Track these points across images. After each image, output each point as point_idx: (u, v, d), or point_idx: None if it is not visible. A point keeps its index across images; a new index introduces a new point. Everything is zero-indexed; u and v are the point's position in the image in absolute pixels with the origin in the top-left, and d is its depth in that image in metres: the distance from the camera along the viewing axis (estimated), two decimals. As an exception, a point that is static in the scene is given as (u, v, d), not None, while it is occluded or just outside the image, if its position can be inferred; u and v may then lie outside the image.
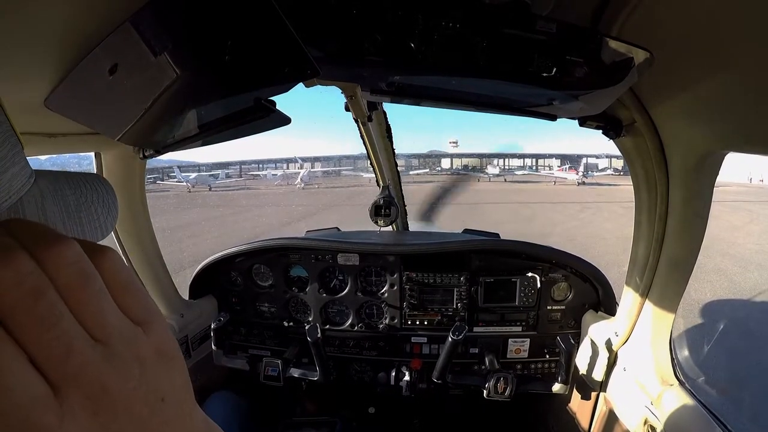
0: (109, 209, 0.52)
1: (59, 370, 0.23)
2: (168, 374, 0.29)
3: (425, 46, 0.78)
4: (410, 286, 2.00)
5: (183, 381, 0.31)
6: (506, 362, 2.00)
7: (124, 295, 0.28)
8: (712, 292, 7.41)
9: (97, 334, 0.25)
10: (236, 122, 0.98)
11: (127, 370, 0.26)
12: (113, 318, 0.26)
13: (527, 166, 50.45)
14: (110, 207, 0.52)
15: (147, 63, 0.79)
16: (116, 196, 0.55)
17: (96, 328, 0.25)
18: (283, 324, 2.12)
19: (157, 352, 0.29)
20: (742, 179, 32.40)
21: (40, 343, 0.23)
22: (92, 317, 0.25)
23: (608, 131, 1.26)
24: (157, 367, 0.28)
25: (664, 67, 0.86)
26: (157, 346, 0.29)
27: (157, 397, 0.28)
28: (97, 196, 0.51)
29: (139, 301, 0.29)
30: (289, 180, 38.30)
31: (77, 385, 0.24)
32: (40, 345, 0.23)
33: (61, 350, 0.23)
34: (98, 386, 0.24)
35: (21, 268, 0.23)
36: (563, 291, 1.97)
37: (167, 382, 0.29)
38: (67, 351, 0.23)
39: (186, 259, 8.32)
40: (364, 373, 2.11)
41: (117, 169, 1.59)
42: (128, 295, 0.28)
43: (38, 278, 0.23)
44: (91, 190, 0.51)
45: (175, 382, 0.30)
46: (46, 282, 0.24)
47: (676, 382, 1.37)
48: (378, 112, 2.03)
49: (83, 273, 0.25)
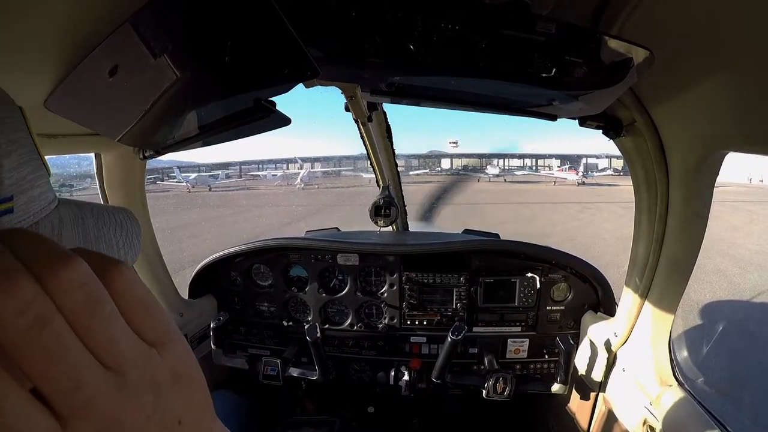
0: (132, 243, 0.50)
1: (68, 403, 0.22)
2: (185, 395, 0.28)
3: (425, 46, 0.78)
4: (410, 286, 2.00)
5: (202, 399, 0.30)
6: (505, 362, 2.00)
7: (137, 314, 0.26)
8: (712, 293, 7.41)
9: (108, 362, 0.24)
10: (236, 123, 0.98)
11: (141, 399, 0.25)
12: (125, 344, 0.25)
13: (527, 167, 50.41)
14: (132, 241, 0.50)
15: (147, 64, 0.79)
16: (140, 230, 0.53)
17: (107, 355, 0.24)
18: (283, 323, 2.12)
19: (173, 373, 0.27)
20: (742, 179, 32.40)
21: (47, 376, 0.21)
22: (102, 345, 0.23)
23: (608, 131, 1.26)
24: (173, 390, 0.27)
25: (664, 67, 0.86)
26: (172, 368, 0.27)
27: (173, 420, 0.27)
28: (120, 229, 0.49)
29: (154, 319, 0.27)
30: (289, 180, 38.26)
31: (87, 418, 0.22)
32: (46, 378, 0.21)
33: (69, 384, 0.22)
34: (110, 418, 0.23)
35: (23, 294, 0.21)
36: (563, 291, 1.97)
37: (184, 404, 0.28)
38: (76, 384, 0.22)
39: (186, 258, 8.32)
40: (364, 373, 2.11)
41: (117, 169, 1.59)
42: (141, 314, 0.26)
43: (42, 305, 0.21)
44: (114, 223, 0.49)
45: (193, 402, 0.29)
46: (52, 309, 0.22)
47: (675, 382, 1.37)
48: (378, 112, 2.03)
49: (92, 297, 0.23)
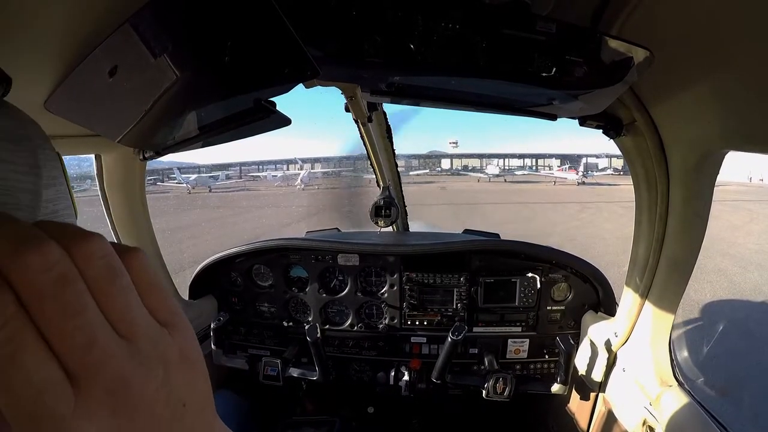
0: None
1: (80, 360, 0.22)
2: (191, 379, 0.29)
3: (425, 46, 0.78)
4: (410, 286, 2.00)
5: (205, 388, 0.31)
6: (505, 362, 2.00)
7: (151, 295, 0.27)
8: (712, 293, 7.41)
9: (122, 330, 0.24)
10: (236, 123, 0.98)
11: (152, 370, 0.25)
12: (139, 315, 0.26)
13: (527, 166, 50.44)
14: None
15: (147, 64, 0.79)
16: None
17: (122, 323, 0.24)
18: (283, 324, 2.12)
19: (182, 355, 0.28)
20: (742, 179, 32.41)
21: (63, 332, 0.22)
22: (119, 312, 0.24)
23: (608, 131, 1.26)
24: (181, 371, 0.28)
25: (664, 66, 0.86)
26: (181, 349, 0.28)
27: (179, 401, 0.27)
28: None
29: (165, 302, 0.28)
30: (289, 181, 38.29)
31: (97, 378, 0.23)
32: (62, 333, 0.22)
33: (83, 340, 0.22)
34: (120, 382, 0.23)
35: (49, 255, 0.22)
36: (563, 291, 1.97)
37: (190, 387, 0.28)
38: (89, 342, 0.22)
39: (186, 259, 8.33)
40: (364, 373, 2.11)
41: (117, 170, 1.59)
42: (155, 296, 0.28)
43: (66, 267, 0.23)
44: None
45: (198, 387, 0.29)
46: (75, 272, 0.23)
47: (675, 382, 1.37)
48: (378, 112, 2.03)
49: (112, 267, 0.25)
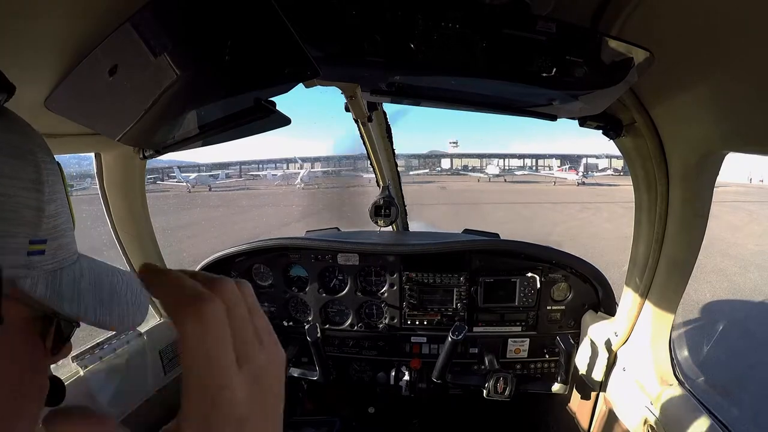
0: (139, 307, 0.54)
1: (245, 350, 0.34)
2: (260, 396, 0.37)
3: (425, 46, 0.78)
4: (410, 286, 2.00)
5: (274, 402, 0.39)
6: (506, 362, 2.00)
7: (255, 316, 0.38)
8: (712, 293, 7.42)
9: None
10: (236, 123, 0.97)
11: (271, 368, 0.37)
12: (265, 333, 0.38)
13: (527, 166, 50.50)
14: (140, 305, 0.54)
15: (147, 63, 0.79)
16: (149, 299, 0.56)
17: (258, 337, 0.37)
18: (283, 324, 2.12)
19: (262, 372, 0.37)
20: (742, 179, 32.41)
21: (243, 329, 0.35)
22: (256, 331, 0.37)
23: (608, 131, 1.26)
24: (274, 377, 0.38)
25: (665, 67, 0.86)
26: (278, 363, 0.39)
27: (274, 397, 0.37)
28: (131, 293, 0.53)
29: (267, 322, 0.39)
30: (289, 180, 38.32)
31: (250, 365, 0.34)
32: (242, 330, 0.35)
33: (251, 336, 0.36)
34: (259, 371, 0.35)
35: (235, 292, 0.36)
36: (563, 291, 1.97)
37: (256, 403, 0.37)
38: (254, 338, 0.36)
39: (186, 259, 8.34)
40: (364, 373, 2.11)
41: (117, 169, 1.59)
42: (257, 317, 0.38)
43: (241, 299, 0.37)
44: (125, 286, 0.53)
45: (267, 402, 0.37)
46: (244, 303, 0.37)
47: (675, 382, 1.37)
48: (378, 112, 2.03)
49: (251, 305, 0.38)
